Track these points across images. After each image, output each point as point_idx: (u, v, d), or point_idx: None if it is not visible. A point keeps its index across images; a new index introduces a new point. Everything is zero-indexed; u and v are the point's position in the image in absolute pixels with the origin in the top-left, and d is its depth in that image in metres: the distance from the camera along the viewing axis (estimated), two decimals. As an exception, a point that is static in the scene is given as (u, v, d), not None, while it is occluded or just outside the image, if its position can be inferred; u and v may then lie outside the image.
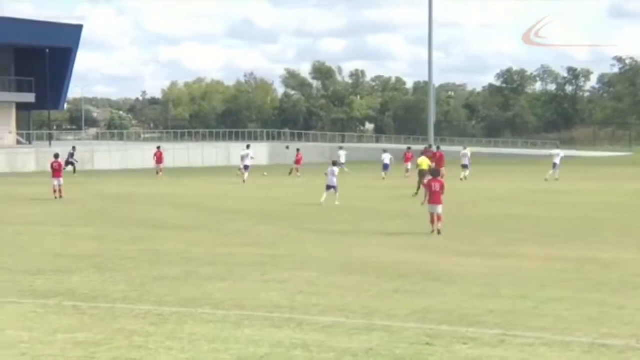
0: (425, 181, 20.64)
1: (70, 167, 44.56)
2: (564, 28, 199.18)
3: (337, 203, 25.30)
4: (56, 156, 30.50)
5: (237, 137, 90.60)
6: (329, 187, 26.22)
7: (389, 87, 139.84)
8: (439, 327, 8.54)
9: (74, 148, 48.29)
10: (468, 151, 43.17)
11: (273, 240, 16.72)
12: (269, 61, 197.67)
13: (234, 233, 18.14)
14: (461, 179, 37.69)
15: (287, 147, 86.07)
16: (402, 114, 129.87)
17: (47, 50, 62.32)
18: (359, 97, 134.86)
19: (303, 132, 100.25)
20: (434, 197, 18.25)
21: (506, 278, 11.62)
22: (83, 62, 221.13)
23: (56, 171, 29.28)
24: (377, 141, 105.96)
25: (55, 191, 28.77)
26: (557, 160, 39.70)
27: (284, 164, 74.37)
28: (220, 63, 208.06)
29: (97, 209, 24.90)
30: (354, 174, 44.80)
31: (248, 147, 45.89)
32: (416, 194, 27.78)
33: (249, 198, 29.54)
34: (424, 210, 20.79)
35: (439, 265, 12.84)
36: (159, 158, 46.05)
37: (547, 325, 8.60)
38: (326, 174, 26.75)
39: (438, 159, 33.54)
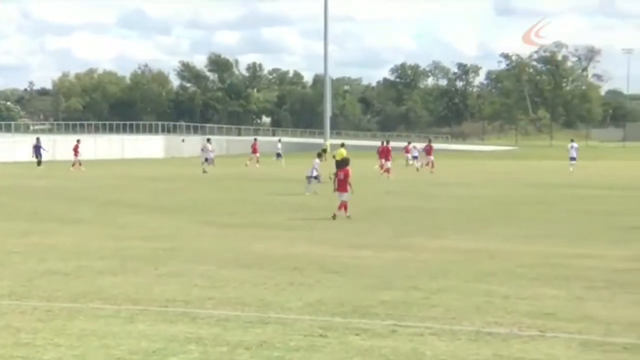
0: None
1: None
2: (452, 25, 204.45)
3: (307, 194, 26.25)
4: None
5: (132, 129, 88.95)
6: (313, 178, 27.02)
7: (286, 80, 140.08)
8: (332, 318, 8.65)
9: (37, 140, 47.99)
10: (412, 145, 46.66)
11: (168, 233, 16.53)
12: (163, 53, 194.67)
13: (128, 226, 17.84)
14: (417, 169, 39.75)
15: (183, 140, 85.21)
16: (298, 108, 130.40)
17: None
18: (255, 90, 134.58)
19: (199, 124, 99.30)
20: (340, 186, 19.84)
21: (399, 270, 11.86)
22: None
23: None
24: (274, 134, 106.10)
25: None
26: (573, 153, 43.99)
27: (180, 157, 73.58)
28: (113, 54, 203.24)
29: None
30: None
31: (208, 140, 48.84)
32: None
33: (145, 191, 29.09)
34: (324, 202, 21.03)
35: (334, 258, 12.98)
36: (75, 150, 47.86)
37: (437, 315, 8.83)
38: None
39: (385, 152, 38.16)
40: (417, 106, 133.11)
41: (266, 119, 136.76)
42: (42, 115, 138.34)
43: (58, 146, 66.91)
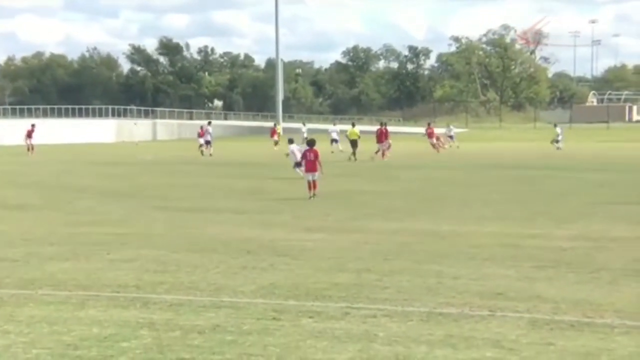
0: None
1: None
2: (402, 9, 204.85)
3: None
4: None
5: (82, 113, 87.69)
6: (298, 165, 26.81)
7: (237, 63, 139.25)
8: (285, 302, 8.68)
9: None
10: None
11: (119, 218, 16.37)
12: (111, 36, 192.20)
13: (79, 212, 17.62)
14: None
15: (135, 124, 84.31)
16: (250, 91, 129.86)
17: None
18: (207, 73, 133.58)
19: (150, 109, 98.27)
20: (309, 166, 20.34)
21: (352, 252, 11.92)
22: None
23: None
24: (226, 118, 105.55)
25: None
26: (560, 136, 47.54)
27: (131, 142, 72.77)
28: (59, 37, 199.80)
29: None
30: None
31: (209, 123, 48.95)
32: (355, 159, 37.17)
33: (95, 175, 28.74)
34: (275, 187, 21.03)
35: (288, 241, 13.00)
36: (29, 134, 47.26)
37: (389, 296, 8.91)
38: (289, 154, 27.06)
39: (382, 134, 39.06)
40: (369, 89, 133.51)
41: (218, 103, 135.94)
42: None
43: (6, 131, 65.75)
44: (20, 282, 9.80)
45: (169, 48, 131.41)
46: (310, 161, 20.44)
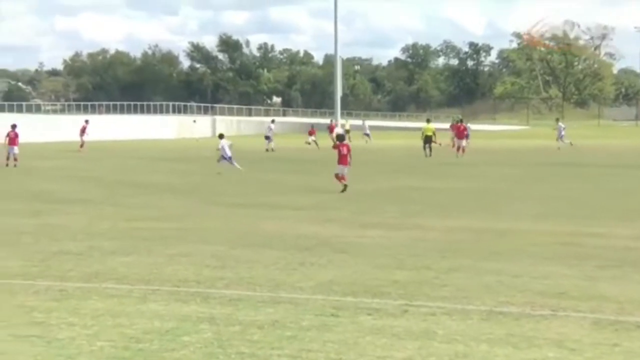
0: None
1: None
2: (461, 5, 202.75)
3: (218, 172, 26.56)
4: (13, 126, 32.40)
5: (143, 110, 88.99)
6: (226, 159, 27.12)
7: (296, 60, 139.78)
8: (344, 298, 8.67)
9: None
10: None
11: (178, 213, 16.57)
12: (171, 33, 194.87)
13: (139, 207, 17.89)
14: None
15: (194, 121, 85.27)
16: (309, 88, 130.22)
17: (-61, 18, 59.58)
18: (266, 70, 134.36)
19: (210, 105, 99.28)
20: (342, 159, 20.88)
21: (409, 249, 11.85)
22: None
23: (12, 139, 31.58)
24: (285, 115, 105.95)
25: (8, 159, 31.00)
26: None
27: (191, 138, 73.61)
28: (121, 34, 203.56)
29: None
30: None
31: (273, 121, 50.96)
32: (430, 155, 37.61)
33: (155, 171, 29.15)
34: (332, 183, 21.07)
35: (345, 238, 12.99)
36: (83, 130, 47.92)
37: (448, 294, 8.83)
38: (219, 149, 27.44)
39: (461, 131, 39.67)
40: (428, 86, 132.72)
41: (276, 99, 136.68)
42: (53, 95, 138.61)
43: (70, 127, 67.07)
44: (84, 275, 9.99)
45: (229, 45, 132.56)
46: (343, 155, 21.01)
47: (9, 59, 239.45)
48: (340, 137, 22.24)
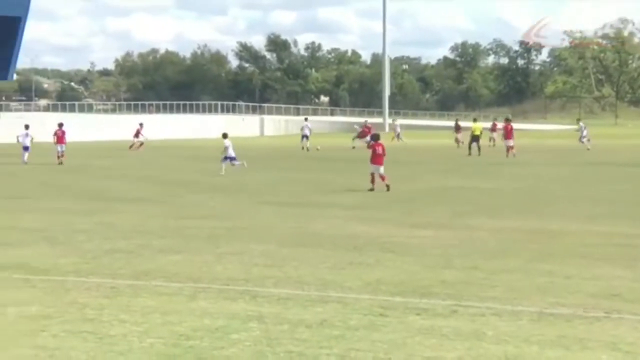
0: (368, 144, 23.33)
1: None
2: (510, 3, 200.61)
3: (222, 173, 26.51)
4: (60, 125, 33.42)
5: (192, 109, 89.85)
6: (229, 159, 27.60)
7: (344, 60, 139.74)
8: (392, 298, 8.64)
9: None
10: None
11: (228, 212, 16.69)
12: (220, 33, 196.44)
13: (189, 206, 18.06)
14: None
15: (243, 120, 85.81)
16: (357, 87, 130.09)
17: (-5, 19, 60.74)
18: (314, 70, 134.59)
19: (258, 104, 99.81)
20: (376, 159, 21.02)
21: (458, 249, 11.77)
22: (29, 31, 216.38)
23: (60, 138, 32.70)
24: (332, 114, 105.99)
25: (58, 157, 32.15)
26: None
27: (239, 137, 74.08)
28: (171, 34, 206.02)
29: (49, 181, 24.58)
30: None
31: (306, 119, 51.22)
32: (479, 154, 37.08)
33: (204, 170, 29.40)
34: (379, 182, 21.02)
35: (393, 237, 12.94)
36: (137, 132, 48.63)
37: (498, 295, 8.75)
38: (225, 148, 27.80)
39: (509, 131, 38.94)
40: (477, 85, 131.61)
41: (324, 99, 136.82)
42: (105, 95, 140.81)
43: (121, 126, 68.01)
44: (134, 273, 10.12)
45: (277, 44, 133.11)
46: (378, 155, 21.10)
47: (62, 59, 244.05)
48: (375, 137, 22.37)
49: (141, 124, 49.73)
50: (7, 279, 9.76)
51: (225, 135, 28.28)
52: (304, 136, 45.96)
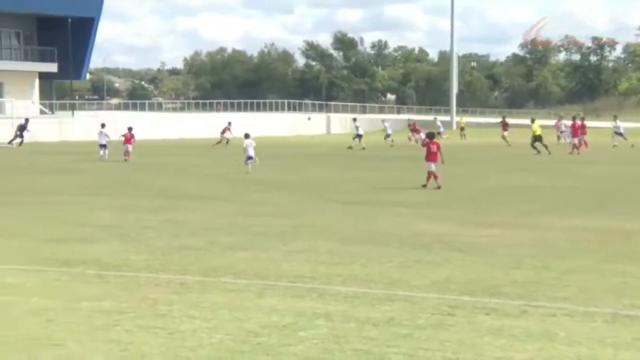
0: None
1: (18, 140, 46.71)
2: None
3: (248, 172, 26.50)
4: (129, 129, 35.11)
5: (259, 107, 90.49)
6: (249, 158, 27.42)
7: (411, 57, 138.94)
8: (460, 297, 8.55)
9: (26, 120, 48.82)
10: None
11: (294, 210, 16.76)
12: (287, 31, 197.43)
13: (256, 203, 18.20)
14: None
15: (309, 118, 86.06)
16: (424, 85, 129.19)
17: (70, 20, 62.33)
18: (380, 68, 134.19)
19: (324, 103, 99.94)
20: (431, 156, 21.21)
21: (527, 249, 11.59)
22: (102, 31, 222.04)
23: (127, 139, 34.31)
24: (399, 112, 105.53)
25: (125, 154, 33.71)
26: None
27: (306, 135, 74.35)
28: (238, 33, 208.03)
29: (121, 179, 25.07)
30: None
31: (355, 119, 50.81)
32: (538, 152, 36.17)
33: (271, 168, 29.58)
34: (445, 181, 20.83)
35: (460, 236, 12.82)
36: (225, 129, 49.67)
37: (570, 295, 8.58)
38: (244, 148, 27.80)
39: (579, 128, 38.78)
40: (548, 82, 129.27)
41: (391, 97, 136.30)
42: (174, 94, 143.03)
43: (190, 124, 68.91)
44: (204, 269, 10.24)
45: (344, 43, 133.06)
46: (433, 153, 21.26)
47: (133, 58, 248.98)
48: (430, 135, 22.66)
49: (230, 123, 50.67)
50: (81, 274, 9.99)
51: (247, 136, 28.59)
52: (359, 135, 45.94)
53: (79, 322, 7.64)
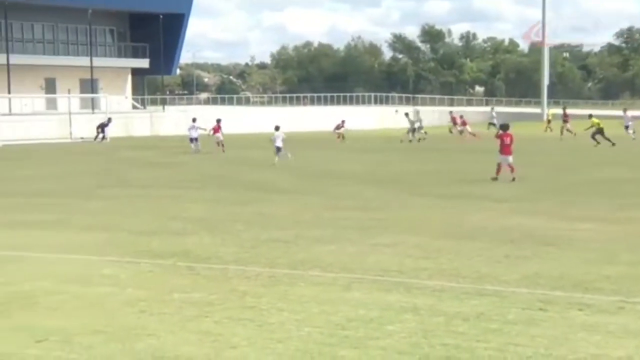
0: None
1: (99, 136, 47.85)
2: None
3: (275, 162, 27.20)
4: (218, 121, 36.86)
5: (345, 100, 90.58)
6: (278, 150, 27.97)
7: (501, 49, 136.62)
8: (552, 292, 8.37)
9: (109, 120, 49.68)
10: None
11: (381, 204, 16.71)
12: (373, 24, 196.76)
13: (342, 197, 18.21)
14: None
15: (396, 111, 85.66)
16: (513, 77, 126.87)
17: (161, 16, 63.70)
18: (468, 59, 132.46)
19: (411, 95, 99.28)
20: (505, 149, 21.14)
21: (622, 244, 11.25)
22: (191, 27, 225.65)
23: (215, 130, 36.37)
24: (487, 104, 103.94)
25: (218, 145, 35.67)
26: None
27: (393, 128, 74.04)
28: (324, 27, 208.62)
29: (211, 172, 25.49)
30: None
31: (407, 114, 50.28)
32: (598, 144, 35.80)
33: (356, 161, 29.58)
34: (530, 174, 20.42)
35: (550, 230, 12.55)
36: (339, 126, 50.46)
37: (668, 292, 8.29)
38: (272, 140, 28.40)
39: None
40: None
41: (479, 89, 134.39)
42: (261, 88, 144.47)
43: (275, 119, 69.49)
44: (291, 262, 10.32)
45: (431, 35, 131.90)
46: (506, 145, 21.17)
47: (221, 53, 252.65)
48: (505, 127, 22.36)
49: (343, 121, 51.01)
50: (172, 266, 10.21)
51: (277, 128, 28.91)
52: (419, 128, 45.83)
53: (170, 313, 7.81)
